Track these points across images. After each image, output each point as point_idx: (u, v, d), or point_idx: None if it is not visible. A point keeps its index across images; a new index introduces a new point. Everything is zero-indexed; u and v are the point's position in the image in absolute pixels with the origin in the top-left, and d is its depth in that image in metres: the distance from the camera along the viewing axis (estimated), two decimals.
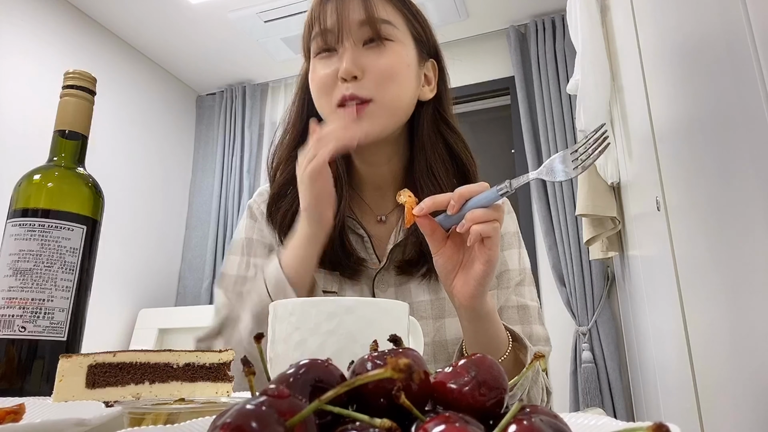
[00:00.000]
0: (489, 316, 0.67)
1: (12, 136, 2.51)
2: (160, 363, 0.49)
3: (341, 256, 0.80)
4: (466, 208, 0.60)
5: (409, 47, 0.80)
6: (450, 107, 0.89)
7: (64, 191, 0.65)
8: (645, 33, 1.46)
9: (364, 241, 0.84)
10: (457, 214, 0.60)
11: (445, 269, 0.64)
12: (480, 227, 0.58)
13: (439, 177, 0.82)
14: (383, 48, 0.77)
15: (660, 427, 0.20)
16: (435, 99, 0.86)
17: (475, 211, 0.58)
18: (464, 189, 0.60)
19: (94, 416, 0.36)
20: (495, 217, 0.59)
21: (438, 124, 0.85)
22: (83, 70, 0.69)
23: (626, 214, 2.07)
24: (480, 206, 0.59)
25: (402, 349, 0.30)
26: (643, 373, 2.03)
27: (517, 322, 0.82)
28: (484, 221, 0.58)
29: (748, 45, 0.70)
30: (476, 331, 0.67)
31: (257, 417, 0.20)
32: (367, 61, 0.75)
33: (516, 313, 0.83)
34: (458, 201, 0.60)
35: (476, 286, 0.62)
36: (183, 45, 3.29)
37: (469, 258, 0.63)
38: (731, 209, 0.83)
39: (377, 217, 0.87)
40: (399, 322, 0.44)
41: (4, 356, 0.59)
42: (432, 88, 0.86)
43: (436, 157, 0.82)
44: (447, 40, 3.74)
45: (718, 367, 0.99)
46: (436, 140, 0.84)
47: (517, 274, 0.86)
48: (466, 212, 0.59)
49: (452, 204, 0.60)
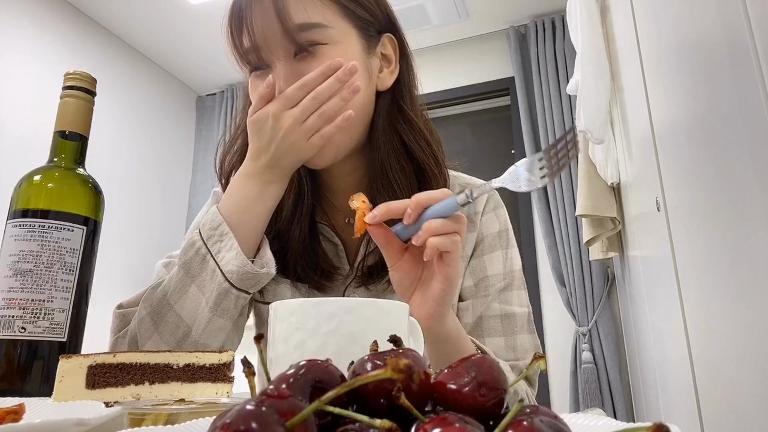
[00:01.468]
0: (451, 338, 0.60)
1: (12, 136, 2.51)
2: (160, 363, 0.49)
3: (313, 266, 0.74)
4: (425, 217, 0.53)
5: (348, 42, 0.69)
6: (412, 91, 0.77)
7: (64, 192, 0.65)
8: (645, 33, 1.46)
9: (338, 250, 0.78)
10: (415, 225, 0.54)
11: (401, 285, 0.58)
12: (437, 240, 0.52)
13: (394, 180, 0.72)
14: (315, 55, 0.67)
15: (660, 427, 0.20)
16: (393, 86, 0.74)
17: (433, 222, 0.52)
18: (422, 196, 0.54)
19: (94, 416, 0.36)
20: (455, 229, 0.53)
21: (393, 119, 0.73)
22: (83, 71, 0.69)
23: (626, 214, 2.07)
24: (439, 216, 0.53)
25: (402, 350, 0.30)
26: (643, 374, 2.03)
27: (500, 333, 0.75)
28: (443, 233, 0.52)
29: (748, 45, 0.70)
30: (437, 354, 0.60)
31: (257, 417, 0.20)
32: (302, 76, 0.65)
33: (499, 323, 0.75)
34: (415, 209, 0.53)
35: (434, 305, 0.56)
36: (183, 45, 3.29)
37: (428, 273, 0.57)
38: (731, 209, 0.83)
39: (346, 219, 0.79)
40: (399, 322, 0.44)
41: (4, 357, 0.59)
42: (392, 69, 0.75)
43: (390, 157, 0.72)
44: (447, 40, 3.73)
45: (718, 367, 0.99)
46: (392, 137, 0.73)
47: (501, 279, 0.77)
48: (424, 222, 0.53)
49: (408, 212, 0.53)
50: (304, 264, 0.74)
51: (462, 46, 3.20)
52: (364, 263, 0.75)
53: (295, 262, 0.74)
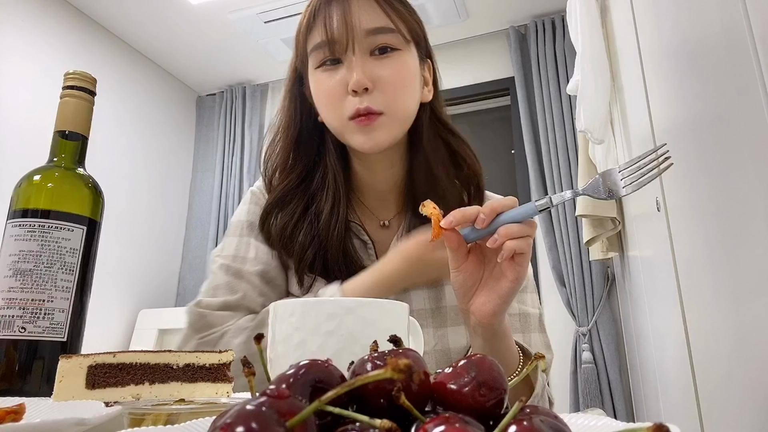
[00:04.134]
0: (505, 334, 0.65)
1: (12, 136, 2.51)
2: (160, 363, 0.49)
3: (343, 263, 0.78)
4: (497, 222, 0.57)
5: (412, 53, 0.79)
6: (443, 107, 0.87)
7: (64, 192, 0.65)
8: (645, 33, 1.46)
9: (367, 248, 0.82)
10: (485, 229, 0.57)
11: (464, 286, 0.61)
12: (514, 243, 0.55)
13: (440, 181, 0.81)
14: (391, 57, 0.76)
15: (660, 427, 0.20)
16: (431, 100, 0.84)
17: (511, 227, 0.56)
18: (495, 203, 0.58)
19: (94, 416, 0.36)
20: (529, 233, 0.57)
21: (437, 126, 0.84)
22: (83, 71, 0.69)
23: (626, 214, 2.07)
24: (514, 221, 0.56)
25: (402, 350, 0.30)
26: (644, 374, 2.03)
27: (518, 330, 0.80)
28: (519, 237, 0.56)
29: (748, 45, 0.70)
30: (490, 350, 0.64)
31: (257, 418, 0.20)
32: (376, 73, 0.74)
33: (518, 321, 0.81)
34: (489, 215, 0.57)
35: (500, 303, 0.59)
36: (183, 46, 3.29)
37: (490, 274, 0.60)
38: (731, 210, 0.83)
39: (380, 222, 0.86)
40: (399, 322, 0.44)
41: (4, 357, 0.59)
42: (430, 89, 0.85)
43: (437, 160, 0.82)
44: (447, 40, 3.72)
45: (718, 367, 0.99)
46: (437, 143, 0.83)
47: None
48: (496, 227, 0.56)
49: (482, 218, 0.56)
50: (334, 261, 0.78)
51: (462, 46, 3.20)
52: None
53: (334, 261, 0.78)
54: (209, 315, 0.75)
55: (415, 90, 0.78)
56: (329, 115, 0.78)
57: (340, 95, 0.75)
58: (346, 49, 0.74)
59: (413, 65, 0.78)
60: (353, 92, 0.73)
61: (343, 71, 0.75)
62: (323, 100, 0.77)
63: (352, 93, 0.73)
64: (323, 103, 0.78)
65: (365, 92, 0.73)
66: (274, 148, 0.85)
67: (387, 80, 0.74)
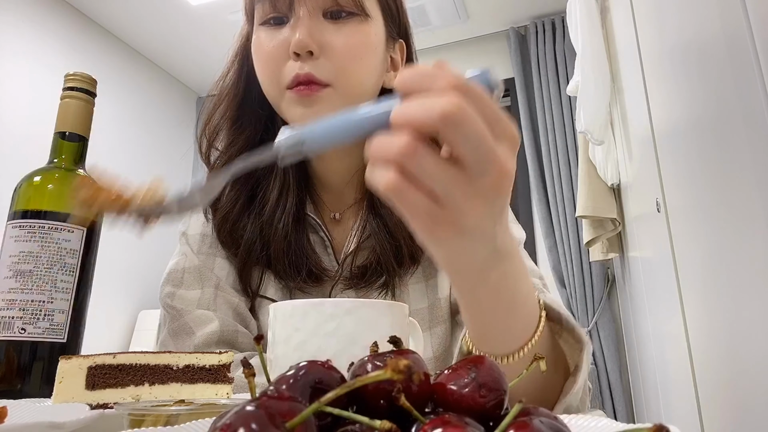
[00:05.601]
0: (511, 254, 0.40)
1: (12, 137, 2.51)
2: (160, 365, 0.49)
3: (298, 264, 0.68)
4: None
5: (378, 24, 0.67)
6: None
7: (64, 193, 0.65)
8: (645, 34, 1.46)
9: (325, 245, 0.73)
10: None
11: None
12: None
13: None
14: (347, 22, 0.64)
15: (660, 428, 0.20)
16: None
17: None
18: None
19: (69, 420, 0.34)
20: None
21: None
22: (84, 72, 0.69)
23: (626, 215, 2.07)
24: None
25: (402, 351, 0.30)
26: (644, 375, 2.03)
27: None
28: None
29: (748, 45, 0.70)
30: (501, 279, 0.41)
31: (257, 419, 0.20)
32: (326, 37, 0.63)
33: None
34: None
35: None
36: (183, 46, 3.29)
37: None
38: (731, 210, 0.83)
39: (331, 215, 0.76)
40: (399, 323, 0.44)
41: (4, 358, 0.59)
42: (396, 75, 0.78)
43: None
44: (447, 41, 3.73)
45: (718, 368, 0.99)
46: None
47: None
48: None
49: None
50: (286, 262, 0.69)
51: (462, 47, 3.20)
52: (353, 263, 0.70)
53: (277, 259, 0.69)
54: None
55: (372, 66, 0.67)
56: (266, 82, 0.66)
57: (280, 59, 0.63)
58: (292, 3, 0.63)
59: (375, 38, 0.66)
60: (295, 55, 0.62)
61: (287, 31, 0.64)
62: (260, 63, 0.67)
63: (293, 56, 0.62)
64: (260, 66, 0.67)
65: (309, 56, 0.62)
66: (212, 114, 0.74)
67: (337, 47, 0.63)
